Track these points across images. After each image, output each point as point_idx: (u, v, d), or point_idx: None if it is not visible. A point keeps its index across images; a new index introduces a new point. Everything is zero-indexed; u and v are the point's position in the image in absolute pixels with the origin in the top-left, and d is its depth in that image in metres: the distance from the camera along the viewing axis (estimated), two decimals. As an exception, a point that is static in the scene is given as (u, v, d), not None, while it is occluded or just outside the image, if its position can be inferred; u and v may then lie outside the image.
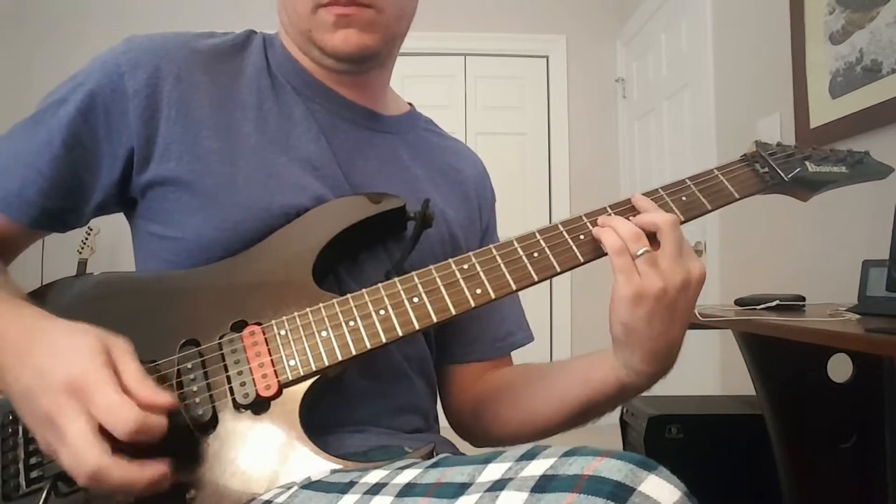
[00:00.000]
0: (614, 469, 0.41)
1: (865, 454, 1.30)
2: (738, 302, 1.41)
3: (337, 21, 0.66)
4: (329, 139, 0.71)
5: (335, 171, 0.70)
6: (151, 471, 0.48)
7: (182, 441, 0.54)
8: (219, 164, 0.65)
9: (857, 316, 1.12)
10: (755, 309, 1.33)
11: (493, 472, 0.45)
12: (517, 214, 3.43)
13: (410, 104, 0.83)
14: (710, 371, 2.50)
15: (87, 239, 3.04)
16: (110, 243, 3.12)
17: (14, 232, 0.66)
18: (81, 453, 0.46)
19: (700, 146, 2.63)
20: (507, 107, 3.61)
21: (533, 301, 3.03)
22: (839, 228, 1.67)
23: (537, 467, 0.43)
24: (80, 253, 3.02)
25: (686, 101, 2.81)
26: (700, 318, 1.28)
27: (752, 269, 2.12)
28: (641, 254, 0.59)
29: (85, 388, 0.48)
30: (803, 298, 1.36)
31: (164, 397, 0.50)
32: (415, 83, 3.07)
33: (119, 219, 0.72)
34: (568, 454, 0.44)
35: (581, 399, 0.68)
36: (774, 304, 1.32)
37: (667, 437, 1.59)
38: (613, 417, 1.88)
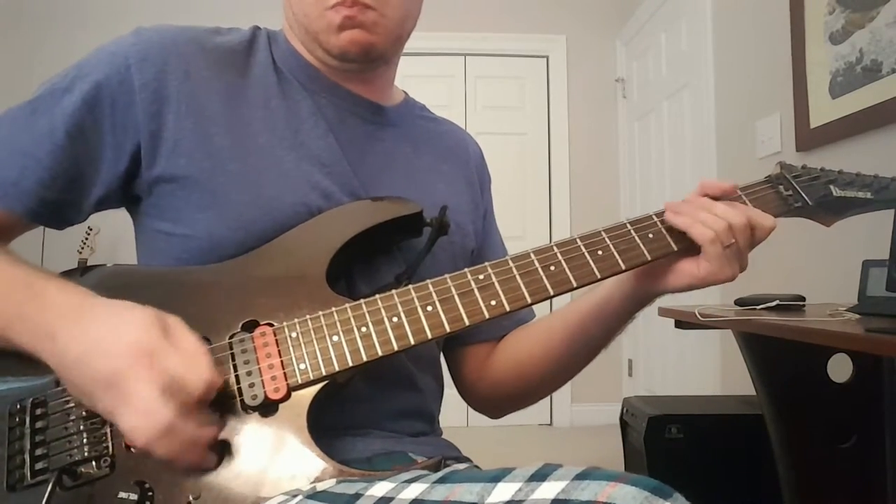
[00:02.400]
0: (629, 497, 0.41)
1: (865, 454, 1.30)
2: (738, 302, 1.41)
3: (343, 23, 0.66)
4: (337, 135, 0.71)
5: (344, 168, 0.70)
6: (214, 427, 0.53)
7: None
8: (230, 162, 0.65)
9: (857, 316, 1.12)
10: (755, 309, 1.33)
11: (503, 492, 0.44)
12: (517, 214, 3.43)
13: (405, 92, 0.84)
14: (710, 371, 2.50)
15: (87, 238, 3.04)
16: (110, 243, 3.12)
17: (9, 223, 0.64)
18: (154, 410, 0.48)
19: (700, 146, 2.63)
20: (507, 107, 3.61)
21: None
22: (839, 228, 1.67)
23: (549, 490, 0.43)
24: (81, 252, 3.02)
25: (686, 101, 2.81)
26: (700, 318, 1.28)
27: (752, 269, 2.11)
28: (728, 245, 0.63)
29: (152, 353, 0.50)
30: (803, 298, 1.36)
31: (216, 375, 0.53)
32: (415, 83, 3.05)
33: (119, 218, 0.71)
34: (580, 477, 0.44)
35: (605, 341, 0.75)
36: (774, 304, 1.32)
37: (667, 437, 1.59)
38: (613, 417, 1.88)
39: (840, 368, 1.33)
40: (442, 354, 0.81)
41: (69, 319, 0.52)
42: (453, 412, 0.88)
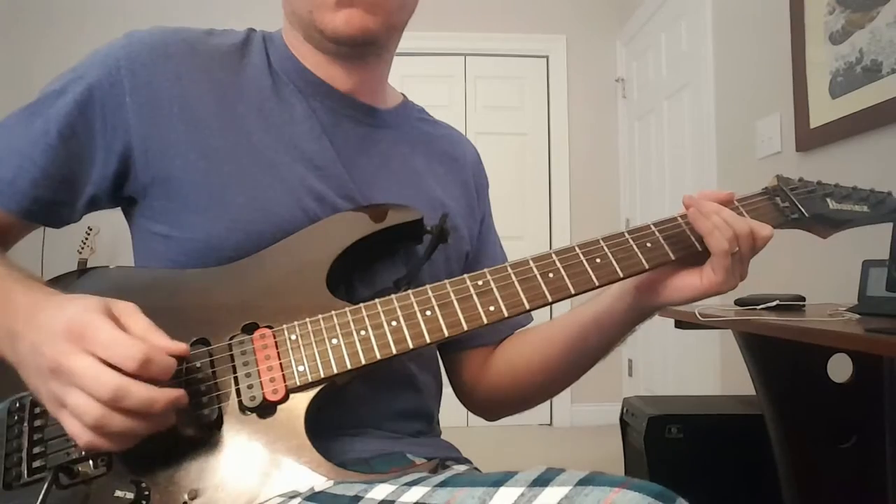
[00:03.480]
0: (633, 503, 0.41)
1: (865, 454, 1.30)
2: (738, 302, 1.41)
3: (339, 0, 0.66)
4: (331, 138, 0.70)
5: (339, 170, 0.70)
6: (168, 393, 0.49)
7: (186, 441, 0.54)
8: (225, 163, 0.65)
9: (857, 316, 1.12)
10: (755, 309, 1.33)
11: (505, 497, 0.44)
12: (517, 214, 3.43)
13: (403, 94, 0.83)
14: (710, 371, 2.50)
15: (87, 239, 3.04)
16: (110, 243, 3.12)
17: (6, 221, 0.65)
18: (97, 378, 0.47)
19: (700, 146, 2.63)
20: (507, 107, 3.61)
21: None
22: (839, 228, 1.67)
23: (552, 495, 0.43)
24: (80, 253, 3.02)
25: (686, 101, 2.81)
26: (700, 318, 1.28)
27: (753, 269, 2.12)
28: (734, 252, 0.63)
29: (84, 331, 0.49)
30: (803, 298, 1.36)
31: (176, 343, 0.51)
32: (415, 83, 3.06)
33: (119, 218, 0.72)
34: (583, 483, 0.44)
35: (603, 352, 0.75)
36: (774, 304, 1.32)
37: (667, 437, 1.59)
38: (613, 417, 1.88)
39: (840, 368, 1.33)
40: (439, 358, 0.81)
41: (24, 316, 0.52)
42: (453, 412, 0.88)
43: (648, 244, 0.65)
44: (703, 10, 2.57)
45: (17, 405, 0.57)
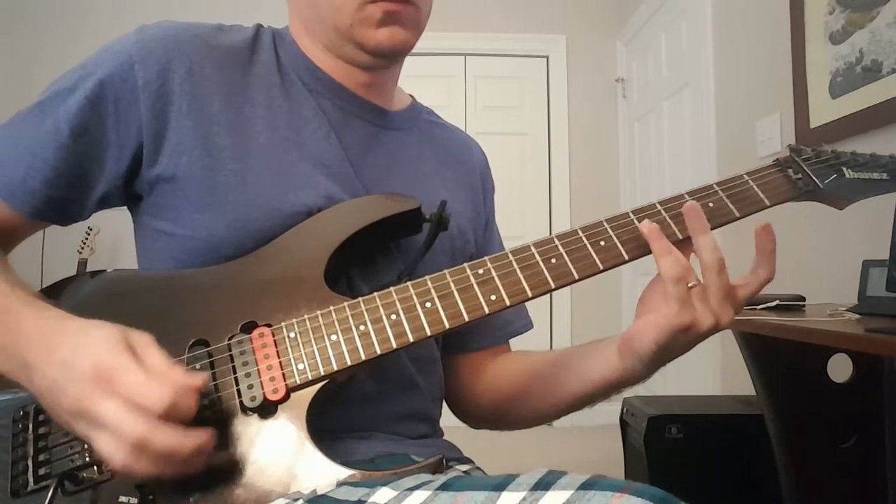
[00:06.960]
0: None
1: (865, 454, 1.30)
2: (739, 302, 1.40)
3: (384, 17, 0.66)
4: (340, 136, 0.70)
5: (346, 168, 0.69)
6: (195, 437, 0.49)
7: None
8: (230, 162, 0.64)
9: (857, 316, 1.12)
10: (755, 309, 1.33)
11: (508, 501, 0.44)
12: (517, 214, 3.43)
13: (411, 96, 0.83)
14: (710, 371, 2.50)
15: (87, 239, 3.04)
16: (110, 243, 3.12)
17: (15, 221, 0.65)
18: (121, 426, 0.47)
19: (700, 146, 2.63)
20: (507, 107, 3.61)
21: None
22: (839, 228, 1.67)
23: (553, 499, 0.43)
24: (80, 253, 3.02)
25: (686, 101, 2.81)
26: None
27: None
28: (693, 285, 0.58)
29: (111, 374, 0.49)
30: (803, 298, 1.36)
31: (196, 378, 0.51)
32: (415, 83, 3.05)
33: (119, 218, 0.71)
34: (585, 487, 0.43)
35: (582, 396, 0.71)
36: (774, 304, 1.32)
37: (667, 437, 1.59)
38: (613, 417, 1.88)
39: (840, 368, 1.33)
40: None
41: (39, 349, 0.52)
42: (454, 412, 0.88)
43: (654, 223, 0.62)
44: (703, 10, 2.57)
45: (21, 414, 0.57)
